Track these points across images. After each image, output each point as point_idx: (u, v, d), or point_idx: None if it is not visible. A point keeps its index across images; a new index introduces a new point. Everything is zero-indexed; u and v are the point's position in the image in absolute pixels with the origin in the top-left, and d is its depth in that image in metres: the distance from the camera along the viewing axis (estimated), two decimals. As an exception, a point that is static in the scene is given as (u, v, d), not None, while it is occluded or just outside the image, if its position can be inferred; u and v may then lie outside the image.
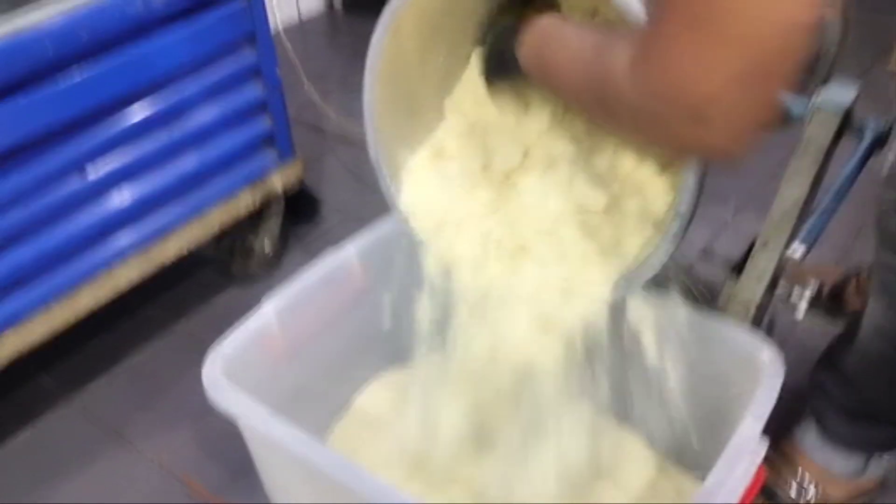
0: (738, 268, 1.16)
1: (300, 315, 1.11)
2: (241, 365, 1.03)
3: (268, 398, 1.03)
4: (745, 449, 0.90)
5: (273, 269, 1.73)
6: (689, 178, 0.79)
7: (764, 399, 0.95)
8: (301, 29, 2.65)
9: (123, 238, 1.40)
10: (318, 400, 1.20)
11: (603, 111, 0.70)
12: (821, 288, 1.46)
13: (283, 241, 1.74)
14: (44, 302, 1.30)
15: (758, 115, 0.58)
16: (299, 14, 2.71)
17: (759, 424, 0.92)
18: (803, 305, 1.18)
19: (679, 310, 1.03)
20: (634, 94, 0.61)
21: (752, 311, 1.15)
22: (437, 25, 0.96)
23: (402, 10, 0.90)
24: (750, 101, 0.57)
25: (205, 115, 1.43)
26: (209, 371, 0.99)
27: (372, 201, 2.00)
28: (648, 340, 1.02)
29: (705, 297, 1.16)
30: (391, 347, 1.30)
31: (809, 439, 1.20)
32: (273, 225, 1.68)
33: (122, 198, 1.36)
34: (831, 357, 1.18)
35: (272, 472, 1.08)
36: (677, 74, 0.57)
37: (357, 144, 2.15)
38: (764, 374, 0.98)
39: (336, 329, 1.19)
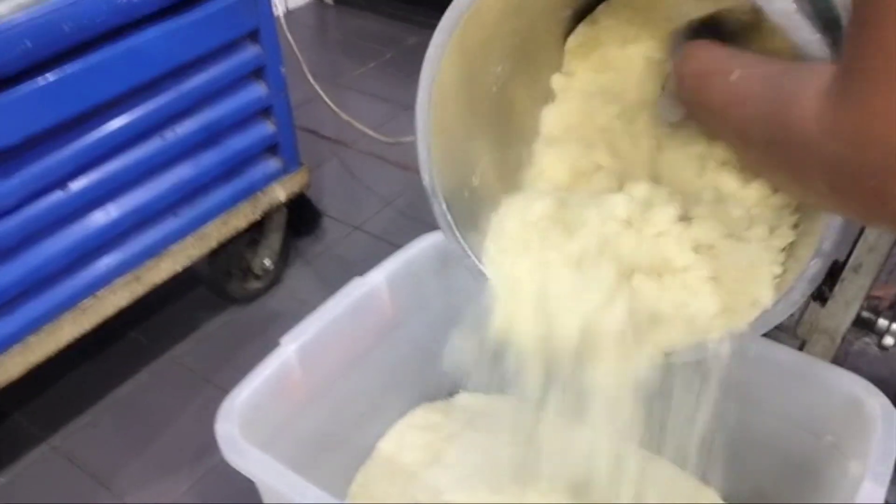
0: (820, 293, 1.04)
1: (324, 353, 0.96)
2: (257, 414, 0.88)
3: (286, 447, 0.91)
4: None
5: (273, 287, 1.57)
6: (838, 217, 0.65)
7: (880, 455, 0.81)
8: (288, 20, 2.48)
9: (110, 259, 1.24)
10: (342, 445, 1.05)
11: (777, 159, 0.56)
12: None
13: (284, 257, 1.58)
14: (20, 335, 1.13)
15: None
16: (286, 4, 2.54)
17: (882, 488, 0.78)
18: (892, 334, 1.05)
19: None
20: (823, 138, 0.49)
21: (839, 341, 1.03)
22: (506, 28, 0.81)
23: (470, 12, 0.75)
24: None
25: (202, 119, 1.27)
26: (224, 428, 0.83)
27: (377, 211, 1.92)
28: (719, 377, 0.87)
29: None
30: (420, 385, 1.15)
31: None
32: (274, 239, 1.52)
33: (108, 214, 1.21)
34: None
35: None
36: (881, 120, 0.44)
37: (358, 149, 2.04)
38: (875, 425, 0.84)
39: (362, 367, 1.04)
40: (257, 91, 1.34)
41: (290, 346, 0.91)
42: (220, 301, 1.54)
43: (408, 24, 2.38)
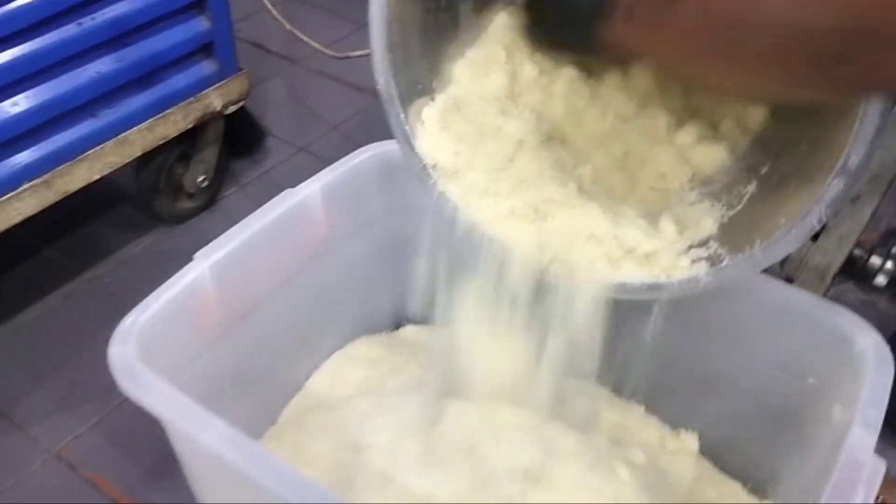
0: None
1: (245, 273, 0.83)
2: (163, 340, 0.76)
3: (196, 380, 0.79)
4: (859, 475, 0.66)
5: (206, 209, 1.43)
6: (868, 124, 0.53)
7: (872, 400, 0.71)
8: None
9: (17, 160, 1.09)
10: (265, 380, 0.93)
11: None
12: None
13: (220, 176, 1.44)
14: None
15: None
16: None
17: (872, 437, 0.68)
18: (885, 273, 0.95)
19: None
20: None
21: (829, 280, 0.94)
22: None
23: None
24: None
25: (126, 5, 1.12)
26: (119, 352, 0.71)
27: (323, 133, 1.77)
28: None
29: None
30: (360, 315, 1.03)
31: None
32: (209, 154, 1.38)
33: (14, 107, 1.06)
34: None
35: (202, 476, 0.81)
36: None
37: (307, 66, 1.89)
38: (867, 366, 0.74)
39: (290, 291, 0.91)
40: (190, -20, 1.19)
41: (204, 263, 0.78)
42: (146, 220, 1.39)
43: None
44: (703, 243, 0.68)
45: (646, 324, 0.80)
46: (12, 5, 1.00)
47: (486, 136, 0.71)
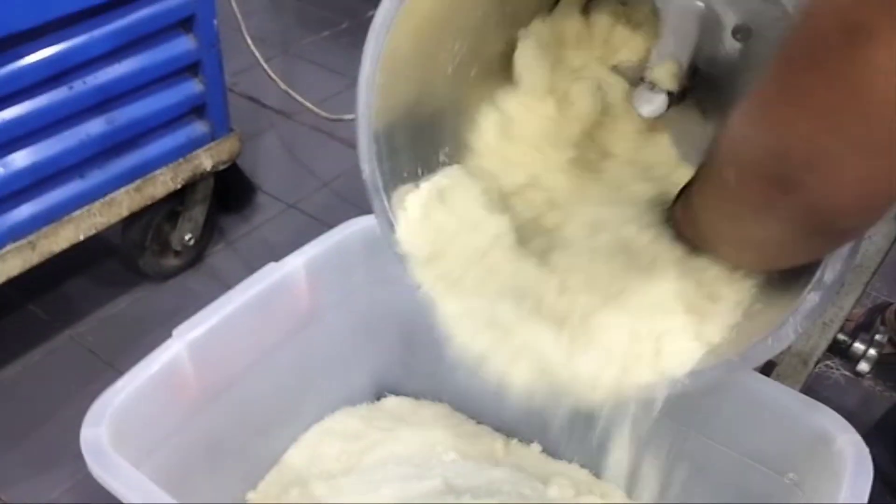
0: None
1: (224, 349, 0.83)
2: (138, 419, 0.75)
3: (172, 457, 0.79)
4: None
5: (192, 266, 1.42)
6: None
7: (851, 499, 0.70)
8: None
9: (2, 221, 1.09)
10: (241, 455, 0.92)
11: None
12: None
13: (208, 233, 1.44)
14: None
15: (874, 186, 0.48)
16: (240, -36, 2.38)
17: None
18: (868, 360, 0.95)
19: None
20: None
21: (812, 366, 0.94)
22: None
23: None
24: (861, 174, 0.47)
25: (119, 69, 1.13)
26: (90, 435, 0.70)
27: (314, 190, 1.77)
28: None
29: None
30: (341, 387, 1.02)
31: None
32: (197, 212, 1.38)
33: (2, 168, 1.06)
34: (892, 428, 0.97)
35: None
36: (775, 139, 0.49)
37: (301, 122, 1.90)
38: (846, 466, 0.73)
39: (270, 365, 0.90)
40: (185, 44, 1.19)
41: (181, 340, 0.78)
42: (131, 276, 1.39)
43: (368, -6, 2.24)
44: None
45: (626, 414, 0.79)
46: (5, 69, 1.00)
47: (463, 229, 0.72)
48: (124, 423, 0.73)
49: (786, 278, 0.63)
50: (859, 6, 0.42)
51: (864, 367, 0.99)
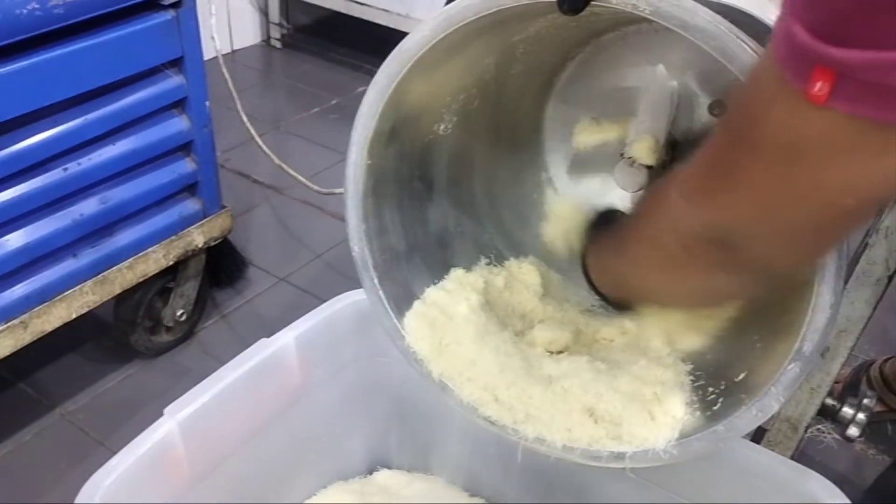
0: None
1: (215, 427, 0.83)
2: (128, 498, 0.74)
3: None
4: None
5: (184, 341, 1.43)
6: (820, 314, 0.56)
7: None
8: (232, 61, 2.38)
9: (-6, 300, 1.09)
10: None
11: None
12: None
13: (199, 308, 1.45)
14: None
15: (814, 252, 0.55)
16: (231, 44, 2.44)
17: None
18: (857, 425, 0.95)
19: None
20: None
21: (801, 431, 0.94)
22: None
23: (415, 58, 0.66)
24: (800, 247, 0.52)
25: (112, 151, 1.15)
26: (81, 515, 0.69)
27: (306, 263, 1.79)
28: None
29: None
30: (334, 461, 1.02)
31: None
32: (189, 288, 1.39)
33: (-4, 249, 1.07)
34: (885, 493, 0.97)
35: None
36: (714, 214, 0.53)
37: (292, 196, 1.92)
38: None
39: (262, 441, 0.91)
40: (178, 125, 1.22)
41: (173, 419, 0.78)
42: (123, 353, 1.39)
43: (357, 71, 2.29)
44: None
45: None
46: (1, 153, 1.02)
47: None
48: (116, 502, 0.73)
49: (767, 346, 0.65)
50: (798, 126, 0.44)
51: (853, 431, 0.99)
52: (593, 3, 0.56)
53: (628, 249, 0.66)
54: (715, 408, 0.66)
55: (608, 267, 0.73)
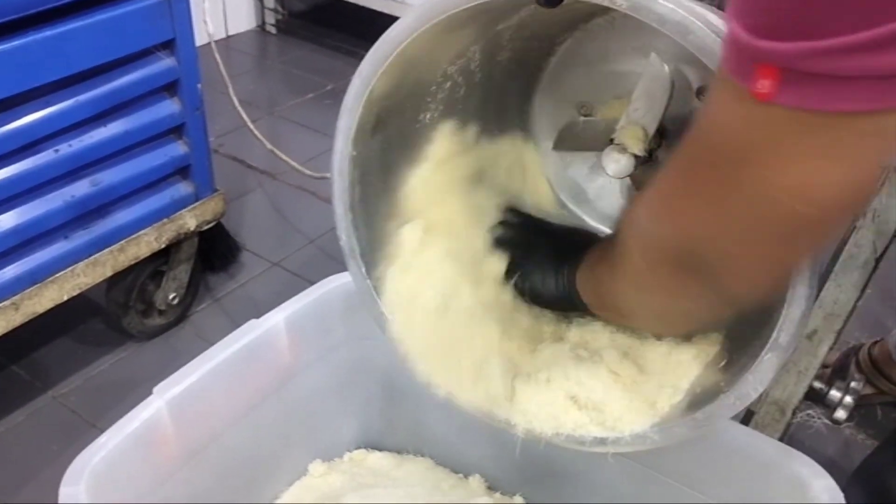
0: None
1: (204, 406, 0.83)
2: (117, 477, 0.75)
3: None
4: None
5: (177, 325, 1.43)
6: (795, 307, 0.57)
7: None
8: (227, 46, 2.38)
9: (-14, 281, 1.10)
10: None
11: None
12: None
13: (192, 291, 1.45)
14: None
15: (778, 270, 0.54)
16: (226, 29, 2.43)
17: None
18: (845, 408, 0.96)
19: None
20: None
21: (789, 414, 0.95)
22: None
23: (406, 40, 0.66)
24: (764, 263, 0.51)
25: (103, 133, 1.15)
26: (70, 494, 0.70)
27: (299, 249, 1.79)
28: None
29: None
30: (319, 440, 1.03)
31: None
32: (181, 271, 1.39)
33: (-12, 230, 1.08)
34: (869, 476, 0.99)
35: None
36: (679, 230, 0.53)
37: (286, 181, 1.92)
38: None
39: (251, 421, 0.91)
40: (169, 107, 1.22)
41: (161, 398, 0.78)
42: (116, 336, 1.39)
43: (352, 57, 2.28)
44: None
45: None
46: (-9, 134, 1.03)
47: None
48: (104, 480, 0.73)
49: (745, 336, 0.66)
50: (748, 128, 0.44)
51: (841, 414, 1.00)
52: (568, -1, 0.56)
53: (607, 268, 0.66)
54: (696, 394, 0.67)
55: (590, 283, 0.73)
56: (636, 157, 0.76)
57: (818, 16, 0.37)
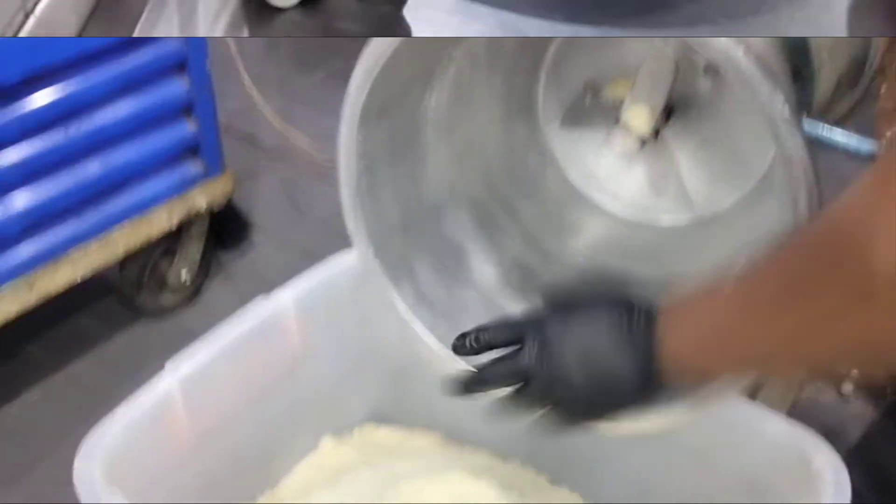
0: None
1: (214, 387, 0.84)
2: (130, 455, 0.76)
3: (165, 496, 0.80)
4: None
5: (189, 303, 1.44)
6: None
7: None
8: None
9: (1, 262, 1.12)
10: (236, 490, 0.93)
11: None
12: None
13: (204, 270, 1.46)
14: None
15: None
16: (238, 8, 2.43)
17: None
18: (851, 380, 0.97)
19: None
20: None
21: (796, 388, 0.96)
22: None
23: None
24: None
25: (113, 111, 1.16)
26: (83, 468, 0.71)
27: (311, 228, 1.79)
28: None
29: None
30: (329, 418, 1.04)
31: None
32: (193, 250, 1.40)
33: (1, 210, 1.09)
34: (869, 452, 0.99)
35: None
36: None
37: (297, 160, 1.93)
38: (823, 486, 0.75)
39: (261, 403, 0.92)
40: (178, 86, 1.23)
41: (171, 376, 0.79)
42: (129, 314, 1.40)
43: (364, 37, 2.27)
44: None
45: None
46: (4, 115, 1.03)
47: None
48: (117, 457, 0.75)
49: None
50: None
51: (848, 387, 1.00)
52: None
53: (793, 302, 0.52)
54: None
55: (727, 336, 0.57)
56: (642, 136, 0.76)
57: None
